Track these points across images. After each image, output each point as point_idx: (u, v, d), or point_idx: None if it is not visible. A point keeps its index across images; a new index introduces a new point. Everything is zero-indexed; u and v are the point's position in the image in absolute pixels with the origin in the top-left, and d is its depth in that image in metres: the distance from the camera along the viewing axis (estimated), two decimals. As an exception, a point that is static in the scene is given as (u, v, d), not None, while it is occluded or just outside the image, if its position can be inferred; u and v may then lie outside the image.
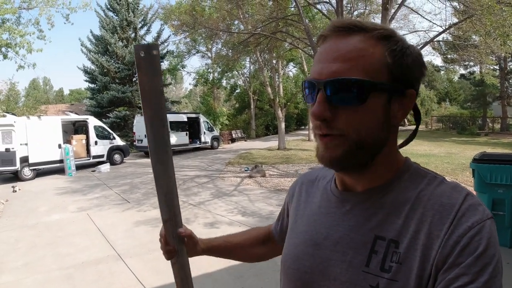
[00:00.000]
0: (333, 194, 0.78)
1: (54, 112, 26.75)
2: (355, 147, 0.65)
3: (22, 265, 4.79)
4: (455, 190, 0.65)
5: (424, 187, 0.68)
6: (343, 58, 0.64)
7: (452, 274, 0.57)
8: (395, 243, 0.64)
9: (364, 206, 0.70)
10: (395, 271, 0.62)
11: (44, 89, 60.13)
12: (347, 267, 0.68)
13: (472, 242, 0.58)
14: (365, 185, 0.72)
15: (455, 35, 12.09)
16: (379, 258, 0.65)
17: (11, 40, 9.74)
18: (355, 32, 0.65)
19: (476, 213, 0.61)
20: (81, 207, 8.07)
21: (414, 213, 0.65)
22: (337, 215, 0.74)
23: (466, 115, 29.65)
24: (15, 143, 12.14)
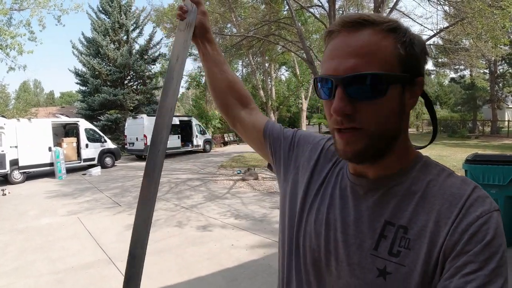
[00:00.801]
0: (347, 178, 0.80)
1: (45, 115, 26.49)
2: (376, 139, 0.67)
3: (12, 270, 4.71)
4: (465, 183, 0.68)
5: (434, 177, 0.70)
6: (357, 53, 0.64)
7: (460, 262, 0.58)
8: (404, 229, 0.66)
9: (377, 193, 0.72)
10: (403, 256, 0.64)
11: (35, 92, 59.60)
12: (355, 250, 0.71)
13: (480, 231, 0.59)
14: (379, 172, 0.73)
15: (446, 39, 12.23)
16: (388, 242, 0.67)
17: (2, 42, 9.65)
18: (365, 26, 0.66)
19: (484, 204, 0.63)
20: (72, 210, 7.97)
21: (424, 201, 0.67)
22: (350, 199, 0.76)
23: (457, 118, 29.99)
24: (5, 145, 11.98)
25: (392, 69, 0.65)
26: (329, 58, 0.68)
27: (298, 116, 31.07)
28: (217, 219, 6.69)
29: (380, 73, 0.64)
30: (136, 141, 17.98)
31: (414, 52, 0.67)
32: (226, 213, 7.05)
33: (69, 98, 52.40)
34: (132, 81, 25.77)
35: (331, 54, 0.67)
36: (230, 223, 6.37)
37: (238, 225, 6.16)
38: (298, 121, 32.63)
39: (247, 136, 1.12)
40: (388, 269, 0.65)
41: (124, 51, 23.46)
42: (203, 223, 6.48)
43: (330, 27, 0.70)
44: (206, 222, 6.50)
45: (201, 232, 5.93)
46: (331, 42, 0.69)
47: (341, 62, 0.65)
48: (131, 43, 24.61)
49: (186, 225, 6.39)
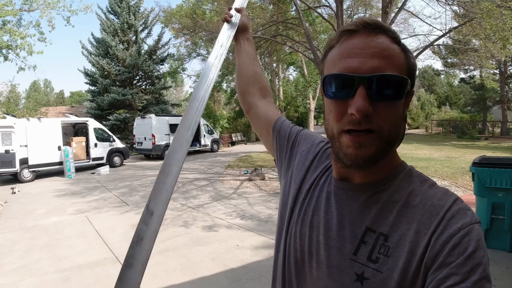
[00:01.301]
0: (333, 182, 0.80)
1: (55, 114, 26.77)
2: (386, 143, 0.67)
3: (18, 268, 4.76)
4: (446, 194, 0.68)
5: (416, 187, 0.70)
6: (380, 55, 0.65)
7: (442, 274, 0.58)
8: (385, 236, 0.67)
9: (359, 198, 0.73)
10: (381, 263, 0.65)
11: (45, 91, 60.22)
12: (335, 253, 0.71)
13: (462, 243, 0.59)
14: (365, 178, 0.73)
15: (455, 39, 12.10)
16: (368, 248, 0.67)
17: (12, 42, 9.77)
18: (380, 32, 0.68)
19: (465, 216, 0.63)
20: (80, 209, 8.05)
21: (406, 211, 0.67)
22: (333, 202, 0.77)
23: (466, 119, 29.68)
24: (15, 144, 12.14)
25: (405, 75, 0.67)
26: (347, 57, 0.67)
27: (305, 116, 31.00)
28: (223, 219, 6.70)
29: (403, 77, 0.66)
30: (144, 141, 18.09)
31: (413, 63, 0.70)
32: (232, 214, 7.06)
33: (78, 98, 52.84)
34: (140, 81, 25.93)
35: (350, 53, 0.67)
36: (235, 223, 6.38)
37: (244, 226, 6.17)
38: (305, 121, 32.57)
39: (258, 123, 1.17)
40: (366, 275, 0.65)
41: (133, 51, 23.61)
42: (209, 223, 6.50)
43: (349, 26, 0.70)
44: (212, 222, 6.52)
45: (206, 232, 5.95)
46: (349, 41, 0.68)
47: (365, 61, 0.65)
48: (139, 43, 24.75)
49: (192, 225, 6.42)
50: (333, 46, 0.72)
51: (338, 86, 0.67)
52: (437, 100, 42.55)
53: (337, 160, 0.73)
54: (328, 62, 0.72)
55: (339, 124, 0.67)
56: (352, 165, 0.69)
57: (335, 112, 0.68)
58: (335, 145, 0.70)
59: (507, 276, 3.78)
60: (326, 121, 0.73)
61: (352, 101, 0.64)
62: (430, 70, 43.09)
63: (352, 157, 0.67)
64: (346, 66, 0.66)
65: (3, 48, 9.74)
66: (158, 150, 17.66)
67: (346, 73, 0.65)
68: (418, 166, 11.14)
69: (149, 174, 13.22)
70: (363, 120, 0.64)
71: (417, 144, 20.48)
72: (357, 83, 0.64)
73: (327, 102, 0.71)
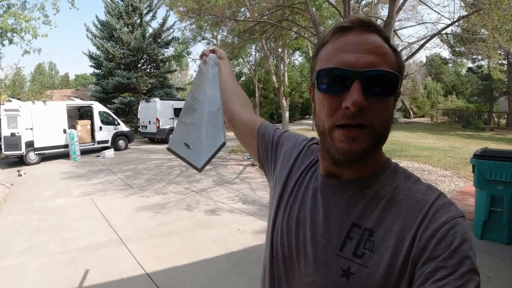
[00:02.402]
0: (319, 178, 0.82)
1: (60, 97, 26.81)
2: (376, 140, 0.68)
3: (26, 249, 4.89)
4: (430, 189, 0.70)
5: (401, 183, 0.72)
6: (376, 51, 0.67)
7: (430, 268, 0.59)
8: (370, 231, 0.68)
9: (346, 195, 0.74)
10: (367, 258, 0.66)
11: (50, 74, 60.09)
12: (322, 249, 0.72)
13: (447, 236, 0.60)
14: (351, 175, 0.75)
15: (463, 28, 11.91)
16: (353, 244, 0.69)
17: (17, 25, 9.72)
18: (374, 31, 0.70)
19: (449, 210, 0.65)
20: (85, 192, 8.18)
21: (391, 206, 0.69)
22: (319, 198, 0.78)
23: (472, 109, 29.26)
24: (21, 127, 12.24)
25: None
26: (343, 52, 0.67)
27: (310, 102, 30.79)
28: (225, 203, 6.80)
29: (397, 74, 0.67)
30: (149, 124, 18.15)
31: (402, 63, 0.72)
32: (234, 198, 7.16)
33: (83, 81, 52.76)
34: (145, 65, 25.83)
35: (346, 48, 0.67)
36: (238, 207, 6.47)
37: (246, 210, 6.26)
38: (310, 108, 32.43)
39: (242, 129, 1.17)
40: (352, 270, 0.67)
41: (137, 34, 23.46)
42: (211, 207, 6.60)
43: (344, 23, 0.70)
44: (214, 206, 6.62)
45: (209, 216, 6.05)
46: (344, 37, 0.69)
47: (361, 56, 0.66)
48: (144, 26, 24.56)
49: (195, 208, 6.52)
50: (326, 42, 0.72)
51: (333, 80, 0.67)
52: (444, 89, 42.00)
53: (327, 156, 0.72)
54: (321, 58, 0.72)
55: (332, 119, 0.68)
56: (343, 160, 0.69)
57: (328, 107, 0.68)
58: (326, 141, 0.71)
59: (503, 268, 3.82)
60: (317, 116, 0.73)
61: (347, 95, 0.65)
62: (438, 58, 42.42)
63: (345, 151, 0.67)
64: (342, 60, 0.66)
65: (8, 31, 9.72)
66: (163, 134, 17.72)
67: (343, 67, 0.66)
68: (421, 155, 11.15)
69: (153, 158, 13.32)
70: (358, 114, 0.64)
71: (422, 132, 20.41)
72: (353, 77, 0.65)
73: (320, 97, 0.71)
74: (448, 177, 8.08)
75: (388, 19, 8.29)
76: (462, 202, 6.18)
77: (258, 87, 29.77)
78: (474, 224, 4.77)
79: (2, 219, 6.31)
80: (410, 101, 37.58)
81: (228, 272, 4.01)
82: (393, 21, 8.61)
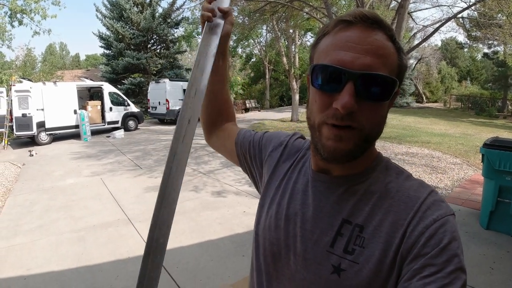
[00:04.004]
0: (309, 174, 0.81)
1: (70, 78, 26.98)
2: (365, 141, 0.67)
3: (36, 227, 5.01)
4: (422, 186, 0.70)
5: (393, 179, 0.72)
6: (375, 53, 0.63)
7: (418, 265, 0.59)
8: (360, 227, 0.68)
9: (337, 191, 0.74)
10: (357, 254, 0.66)
11: (61, 54, 60.40)
12: (312, 245, 0.72)
13: (437, 234, 0.60)
14: (343, 171, 0.74)
15: (479, 12, 11.59)
16: (344, 240, 0.68)
17: (26, 6, 9.75)
18: (378, 28, 0.66)
19: (440, 208, 0.64)
20: (95, 171, 8.30)
21: (382, 202, 0.69)
22: (310, 194, 0.78)
23: (486, 95, 28.62)
24: (32, 108, 12.39)
25: (394, 76, 0.66)
26: (340, 49, 0.64)
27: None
28: (232, 185, 6.84)
29: (394, 79, 0.64)
30: (158, 105, 18.21)
31: (405, 64, 0.69)
32: (241, 180, 7.18)
33: (94, 61, 52.88)
34: (155, 45, 25.75)
35: (344, 45, 0.64)
36: (244, 190, 6.51)
37: (252, 193, 6.28)
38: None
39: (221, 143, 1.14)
40: (342, 266, 0.67)
41: (147, 14, 23.31)
42: (218, 189, 6.65)
43: (347, 17, 0.66)
44: (221, 188, 6.67)
45: (215, 198, 6.11)
46: (344, 32, 0.66)
47: (358, 57, 0.62)
48: (154, 6, 24.37)
49: (202, 190, 6.58)
50: (327, 33, 0.69)
51: (327, 78, 0.65)
52: (458, 74, 41.13)
53: (315, 150, 0.72)
54: (320, 49, 0.70)
55: (322, 116, 0.67)
56: (328, 158, 0.68)
57: (319, 103, 0.67)
58: (315, 135, 0.70)
59: (507, 260, 3.79)
60: (309, 110, 0.72)
61: (338, 96, 0.63)
62: (453, 42, 41.39)
63: (331, 149, 0.66)
64: (338, 58, 0.64)
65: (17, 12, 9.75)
66: (172, 115, 17.77)
67: (337, 66, 0.63)
68: (432, 141, 11.04)
69: (162, 139, 13.40)
70: (346, 117, 0.63)
71: (434, 118, 20.13)
72: (347, 78, 0.62)
73: (313, 91, 0.70)
74: (458, 165, 7.98)
75: (403, 0, 8.10)
76: (470, 191, 6.11)
77: (268, 68, 29.63)
78: (480, 214, 4.71)
79: (13, 198, 6.45)
80: (423, 86, 36.98)
81: (232, 253, 4.07)
82: (408, 3, 8.41)
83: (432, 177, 7.00)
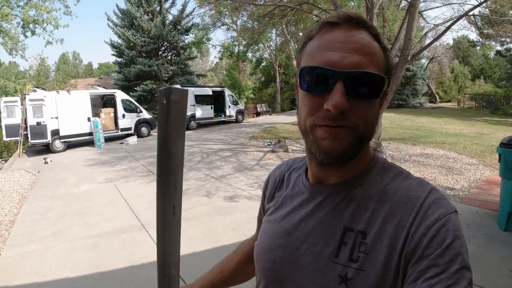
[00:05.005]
0: (305, 186, 0.80)
1: (84, 86, 27.37)
2: (358, 141, 0.66)
3: (50, 234, 5.05)
4: (421, 185, 0.68)
5: (390, 180, 0.70)
6: (362, 51, 0.63)
7: (422, 266, 0.58)
8: (363, 234, 0.66)
9: (335, 199, 0.72)
10: (362, 261, 0.64)
11: (74, 63, 61.35)
12: (316, 257, 0.70)
13: (440, 234, 0.59)
14: (338, 177, 0.73)
15: (491, 9, 11.43)
16: (348, 248, 0.67)
17: (38, 17, 9.94)
18: (363, 27, 0.66)
19: (441, 206, 0.63)
20: (109, 178, 8.37)
21: (381, 205, 0.67)
22: (309, 207, 0.76)
23: (501, 94, 28.10)
24: (46, 116, 12.62)
25: (383, 74, 0.65)
26: (327, 49, 0.64)
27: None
28: (245, 190, 6.82)
29: (383, 76, 0.64)
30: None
31: (391, 62, 0.69)
32: (253, 185, 7.17)
33: (106, 69, 53.57)
34: (166, 52, 25.97)
35: (331, 46, 0.64)
36: (256, 194, 6.48)
37: (265, 197, 6.24)
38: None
39: None
40: (349, 275, 0.65)
41: (157, 22, 23.54)
42: (230, 193, 6.64)
43: (331, 18, 0.67)
44: (233, 193, 6.65)
45: (228, 203, 6.09)
46: (330, 34, 0.66)
47: (346, 56, 0.62)
48: (164, 13, 24.61)
49: (214, 195, 6.57)
50: (312, 37, 0.69)
51: (315, 79, 0.65)
52: (471, 73, 40.54)
53: (311, 156, 0.71)
54: (306, 53, 0.69)
55: (312, 119, 0.66)
56: (324, 160, 0.67)
57: (309, 106, 0.66)
58: (308, 139, 0.69)
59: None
60: (299, 114, 0.71)
61: (329, 96, 0.62)
62: (465, 41, 40.89)
63: (327, 149, 0.65)
64: (326, 59, 0.64)
65: (30, 22, 9.94)
66: (184, 121, 17.87)
67: (326, 66, 0.63)
68: (447, 141, 10.88)
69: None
70: (339, 117, 0.62)
71: (448, 118, 19.86)
72: (336, 78, 0.62)
73: (302, 95, 0.69)
74: (474, 165, 7.84)
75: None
76: (488, 191, 5.98)
77: (279, 72, 29.63)
78: (498, 216, 4.59)
79: (28, 205, 6.53)
80: (436, 85, 36.57)
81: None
82: (418, 2, 8.33)
83: (448, 178, 6.88)
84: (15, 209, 6.32)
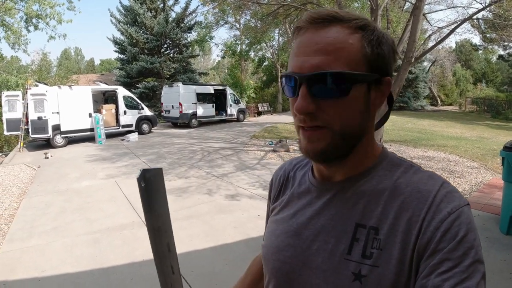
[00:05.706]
0: (312, 184, 0.79)
1: (85, 82, 27.36)
2: (338, 138, 0.66)
3: (51, 229, 5.03)
4: (432, 178, 0.67)
5: (401, 175, 0.70)
6: (324, 50, 0.63)
7: (436, 260, 0.58)
8: (375, 230, 0.66)
9: (344, 195, 0.72)
10: (376, 257, 0.64)
11: (76, 59, 61.37)
12: (329, 256, 0.69)
13: (453, 227, 0.59)
14: (345, 174, 0.73)
15: (495, 13, 11.41)
16: (361, 245, 0.66)
17: (42, 11, 9.91)
18: (333, 23, 0.65)
19: (454, 199, 0.62)
20: (110, 174, 8.35)
21: (393, 200, 0.66)
22: (318, 205, 0.75)
23: (502, 98, 28.14)
24: (47, 111, 12.59)
25: (357, 68, 0.64)
26: (295, 55, 0.66)
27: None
28: (246, 189, 6.81)
29: (342, 72, 0.63)
30: (172, 109, 18.35)
31: (382, 52, 0.66)
32: (254, 184, 7.16)
33: (108, 66, 53.63)
34: (168, 49, 26.01)
35: (297, 52, 0.66)
36: (258, 193, 6.47)
37: (266, 196, 6.22)
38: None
39: None
40: (363, 272, 0.64)
41: (160, 19, 23.57)
42: (232, 192, 6.62)
43: (297, 23, 0.68)
44: (235, 192, 6.64)
45: (229, 201, 6.08)
46: (298, 39, 0.67)
47: (307, 59, 0.64)
48: (167, 11, 24.65)
49: (215, 193, 6.56)
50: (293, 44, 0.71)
51: (287, 85, 0.68)
52: (473, 77, 40.50)
53: None
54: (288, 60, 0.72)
55: (295, 120, 0.69)
56: (313, 159, 0.71)
57: (291, 109, 0.69)
58: (298, 139, 0.72)
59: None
60: None
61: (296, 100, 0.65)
62: (468, 44, 40.86)
63: (308, 151, 0.68)
64: (292, 65, 0.66)
65: (33, 17, 9.92)
66: (185, 118, 17.91)
67: (290, 73, 0.66)
68: (448, 145, 10.87)
69: (176, 142, 13.46)
70: (307, 118, 0.65)
71: (449, 121, 19.87)
72: (300, 82, 0.64)
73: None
74: (475, 169, 7.84)
75: (418, 1, 8.00)
76: (489, 195, 5.97)
77: (281, 72, 29.56)
78: (500, 219, 4.57)
79: (28, 200, 6.52)
80: (438, 88, 36.56)
81: (247, 258, 3.99)
82: (423, 4, 8.31)
83: (449, 181, 6.83)
84: (15, 203, 6.31)
